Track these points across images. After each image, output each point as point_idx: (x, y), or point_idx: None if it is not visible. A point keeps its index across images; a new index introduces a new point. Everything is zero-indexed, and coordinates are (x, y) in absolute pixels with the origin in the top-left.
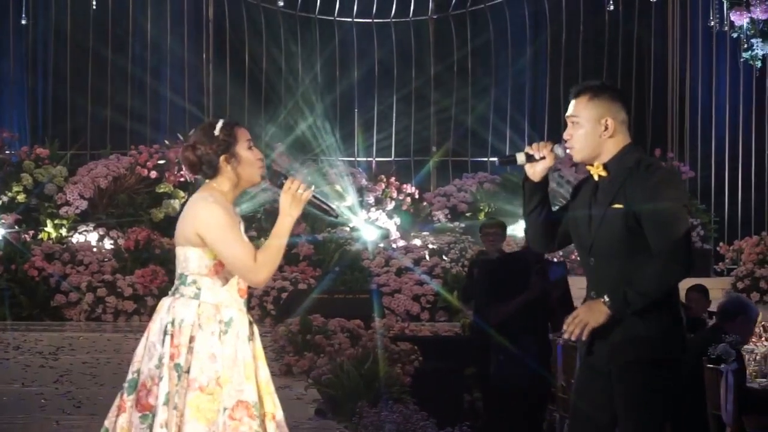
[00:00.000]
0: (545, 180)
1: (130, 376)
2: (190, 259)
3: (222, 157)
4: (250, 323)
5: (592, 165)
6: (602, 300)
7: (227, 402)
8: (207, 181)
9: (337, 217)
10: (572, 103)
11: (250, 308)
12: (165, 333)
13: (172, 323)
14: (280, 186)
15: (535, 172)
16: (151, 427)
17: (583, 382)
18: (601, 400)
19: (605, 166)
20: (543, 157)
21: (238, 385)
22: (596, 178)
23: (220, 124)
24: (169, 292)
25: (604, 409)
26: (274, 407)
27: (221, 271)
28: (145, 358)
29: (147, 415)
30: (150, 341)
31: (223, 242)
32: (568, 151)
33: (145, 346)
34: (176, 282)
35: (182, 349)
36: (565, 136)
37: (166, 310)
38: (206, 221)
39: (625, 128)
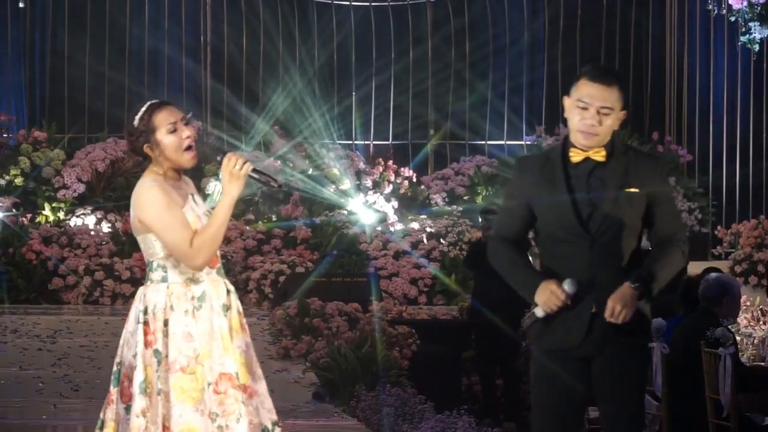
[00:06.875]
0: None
1: (114, 368)
2: (150, 245)
3: (145, 146)
4: (228, 292)
5: (584, 150)
6: (628, 284)
7: (210, 377)
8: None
9: (281, 187)
10: (605, 91)
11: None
12: (138, 322)
13: (145, 311)
14: (220, 163)
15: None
16: None
17: (549, 368)
18: (572, 386)
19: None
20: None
21: (218, 358)
22: (576, 161)
23: (139, 113)
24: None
25: (573, 394)
26: (251, 380)
27: None
28: (125, 349)
29: (130, 405)
30: (128, 331)
31: (159, 227)
32: (588, 138)
33: (124, 337)
34: (147, 270)
35: (158, 335)
36: (593, 123)
37: (139, 299)
38: (143, 206)
39: None
